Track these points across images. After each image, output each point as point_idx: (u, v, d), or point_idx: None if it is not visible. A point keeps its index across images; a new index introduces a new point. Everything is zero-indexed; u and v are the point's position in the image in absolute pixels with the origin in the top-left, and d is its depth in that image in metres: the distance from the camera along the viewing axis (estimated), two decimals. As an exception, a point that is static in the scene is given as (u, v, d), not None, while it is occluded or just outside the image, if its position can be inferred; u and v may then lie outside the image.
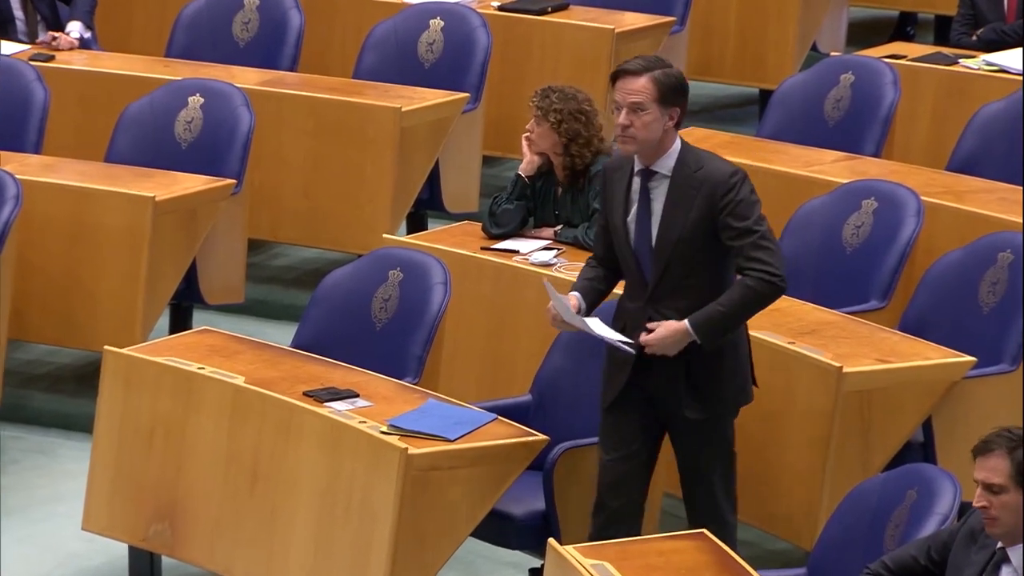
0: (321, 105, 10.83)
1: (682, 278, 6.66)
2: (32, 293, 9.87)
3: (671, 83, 6.69)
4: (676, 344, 6.54)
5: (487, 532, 8.00)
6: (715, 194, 6.59)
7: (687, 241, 6.61)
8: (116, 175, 10.18)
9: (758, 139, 10.69)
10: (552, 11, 11.51)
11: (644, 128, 6.59)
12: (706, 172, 6.67)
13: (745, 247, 6.54)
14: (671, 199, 6.65)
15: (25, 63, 10.86)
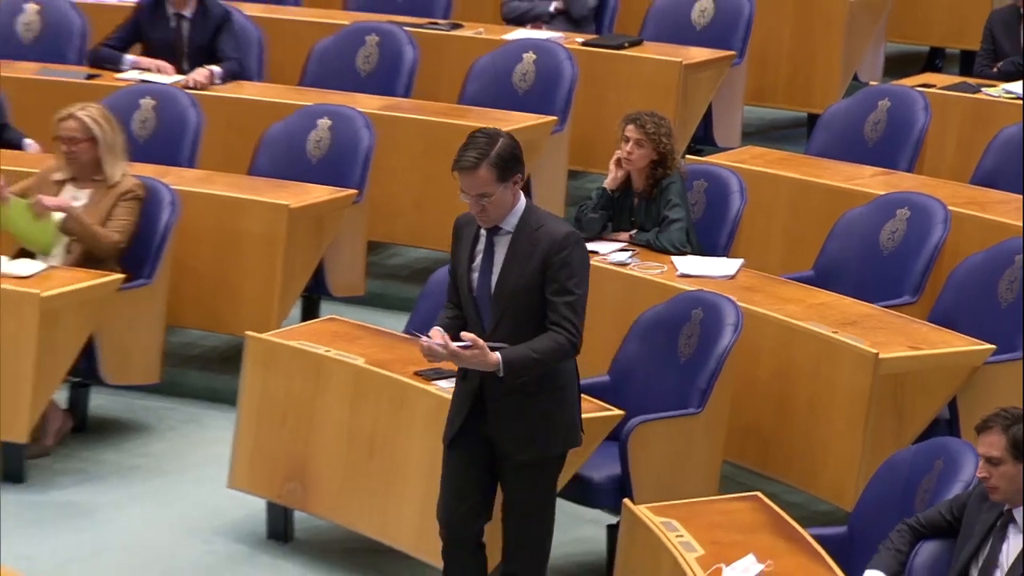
0: (431, 127, 10.84)
1: (515, 327, 6.47)
2: (187, 287, 9.96)
3: (505, 157, 6.46)
4: (482, 367, 6.35)
5: (571, 493, 7.99)
6: (550, 251, 6.42)
7: (523, 291, 6.46)
8: (257, 187, 10.26)
9: (807, 156, 10.65)
10: (628, 46, 11.49)
11: (496, 207, 6.44)
12: (545, 230, 6.49)
13: (561, 304, 6.39)
14: (512, 252, 6.49)
15: (183, 91, 10.91)
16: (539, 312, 6.43)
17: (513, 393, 6.40)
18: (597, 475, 7.94)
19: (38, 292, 8.92)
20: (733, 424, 8.35)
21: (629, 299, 8.89)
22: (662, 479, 7.85)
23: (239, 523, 8.71)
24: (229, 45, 11.26)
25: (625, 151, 9.09)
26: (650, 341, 8.42)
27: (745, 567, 6.48)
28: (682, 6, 11.87)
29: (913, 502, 6.75)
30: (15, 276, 9.02)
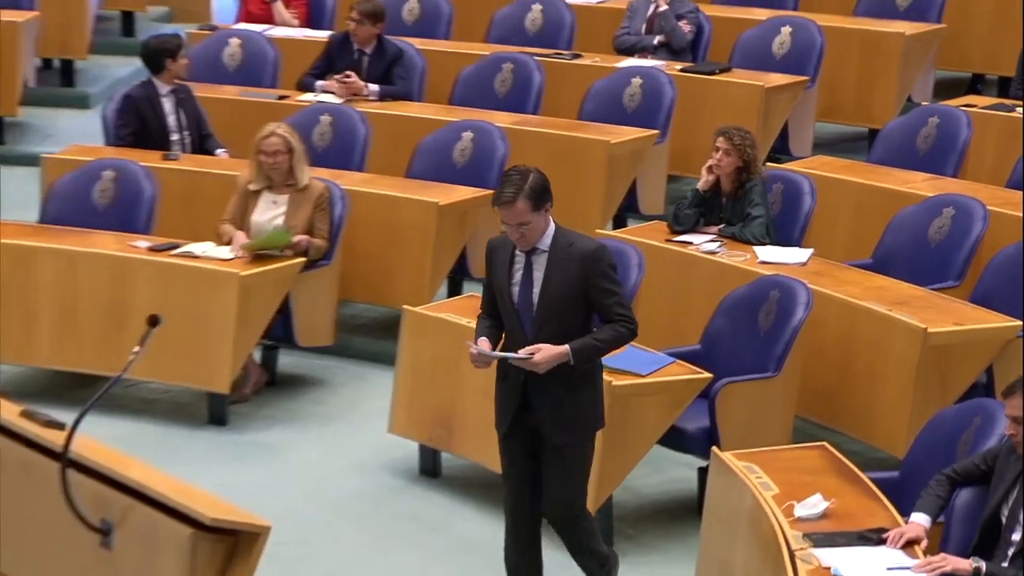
0: (554, 139, 10.94)
1: (556, 331, 6.37)
2: (356, 268, 10.04)
3: (537, 190, 6.38)
4: (555, 361, 6.25)
5: (668, 440, 8.19)
6: (586, 264, 6.35)
7: (563, 300, 6.37)
8: (413, 187, 10.36)
9: (867, 164, 10.63)
10: (719, 72, 11.55)
11: (533, 232, 6.37)
12: (576, 248, 6.41)
13: (611, 304, 6.34)
14: (550, 268, 6.39)
15: (354, 109, 11.04)
16: (575, 319, 6.37)
17: (555, 389, 6.33)
18: (690, 426, 8.07)
19: (238, 272, 9.11)
20: (803, 385, 8.42)
21: (717, 282, 8.92)
22: (744, 430, 7.93)
23: (397, 461, 8.86)
24: (399, 74, 11.40)
25: (716, 159, 9.16)
26: (734, 316, 8.53)
27: (813, 504, 6.52)
28: (764, 39, 11.89)
29: (955, 452, 6.80)
30: (219, 259, 9.26)
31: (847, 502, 6.67)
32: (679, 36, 11.74)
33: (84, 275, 9.34)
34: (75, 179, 10.09)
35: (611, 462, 7.86)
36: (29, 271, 9.33)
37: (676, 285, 9.25)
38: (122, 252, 9.41)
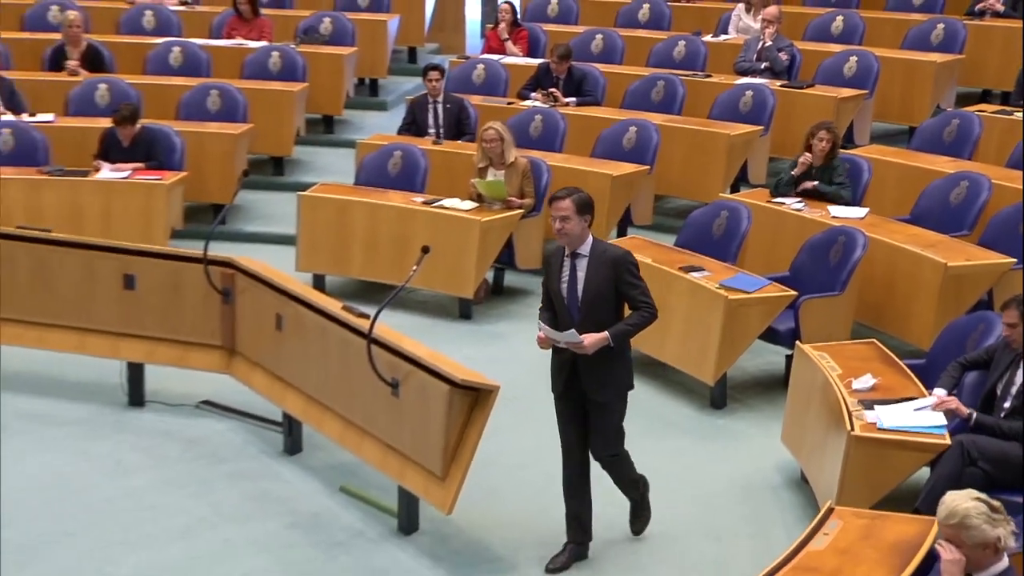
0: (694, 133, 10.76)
1: (596, 319, 5.92)
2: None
3: (584, 201, 5.91)
4: (599, 344, 5.83)
5: (765, 336, 8.06)
6: (616, 265, 5.90)
7: (601, 294, 5.92)
8: (595, 163, 10.25)
9: (908, 150, 10.39)
10: (806, 87, 11.31)
11: (571, 228, 5.89)
12: (608, 254, 5.94)
13: (636, 294, 5.89)
14: (590, 270, 5.94)
15: (556, 111, 10.94)
16: (609, 306, 5.94)
17: (597, 361, 5.92)
18: (781, 327, 7.93)
19: (479, 219, 9.10)
20: (859, 300, 8.24)
21: (801, 230, 8.74)
22: (818, 330, 7.75)
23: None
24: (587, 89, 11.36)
25: (821, 145, 9.02)
26: (813, 253, 8.35)
27: (864, 380, 6.48)
28: (838, 64, 11.57)
29: (965, 347, 6.72)
30: (465, 210, 9.23)
31: (888, 380, 6.63)
32: (779, 63, 11.53)
33: (382, 218, 9.41)
34: (377, 156, 10.15)
35: (726, 350, 7.81)
36: (347, 215, 9.44)
37: (772, 232, 9.03)
38: (406, 204, 9.46)
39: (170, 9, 12.88)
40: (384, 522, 6.53)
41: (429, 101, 10.80)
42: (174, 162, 10.14)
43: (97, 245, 7.86)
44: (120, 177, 9.77)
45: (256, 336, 7.46)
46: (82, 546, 6.25)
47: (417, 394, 6.25)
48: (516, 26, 12.77)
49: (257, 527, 6.48)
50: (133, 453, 7.20)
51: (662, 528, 6.59)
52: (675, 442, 7.59)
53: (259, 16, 12.62)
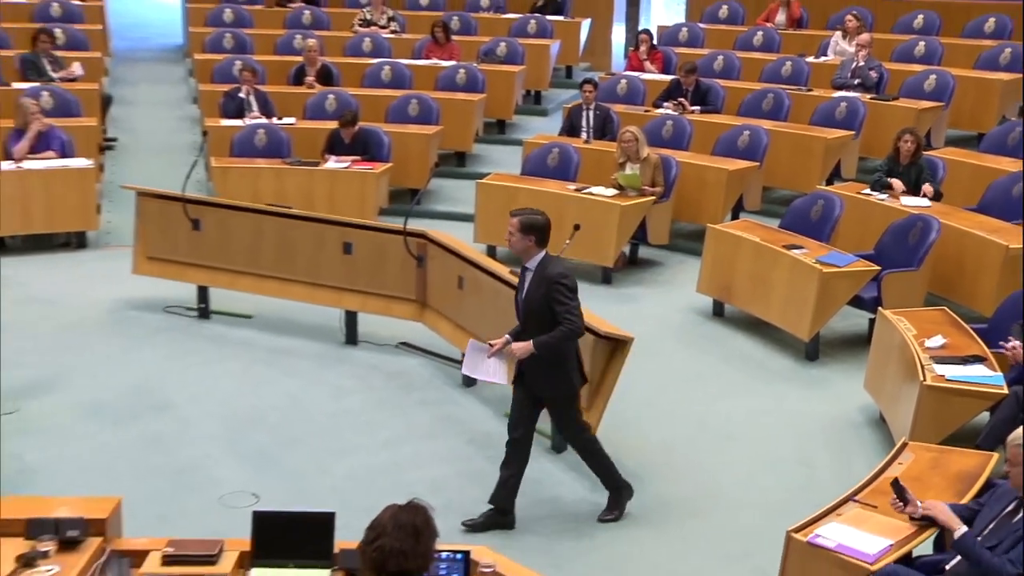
0: (795, 136, 10.45)
1: (535, 326, 5.44)
2: (682, 200, 9.78)
3: (528, 224, 5.42)
4: (525, 351, 5.39)
5: (852, 302, 7.84)
6: (549, 285, 5.38)
7: (537, 305, 5.43)
8: (714, 160, 10.03)
9: (978, 152, 9.98)
10: (892, 100, 10.94)
11: (515, 242, 5.45)
12: (548, 272, 5.44)
13: (561, 311, 5.34)
14: (532, 283, 5.49)
15: (683, 117, 10.71)
16: (544, 317, 5.43)
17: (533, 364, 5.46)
18: (866, 295, 7.71)
19: (620, 204, 8.98)
20: (933, 274, 7.95)
21: (885, 216, 8.45)
22: (897, 299, 7.48)
23: (699, 307, 8.65)
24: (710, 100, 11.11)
25: (907, 147, 8.76)
26: (895, 236, 8.10)
27: (936, 340, 6.30)
28: (919, 81, 11.16)
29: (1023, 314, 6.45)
30: (608, 196, 9.14)
31: (956, 340, 6.44)
32: (869, 79, 11.18)
33: (541, 202, 8.94)
34: (539, 152, 10.09)
35: (819, 313, 7.65)
36: (515, 199, 9.28)
37: (862, 217, 8.72)
38: (561, 191, 9.37)
39: (383, 36, 13.02)
40: (540, 442, 6.52)
41: (582, 108, 10.73)
42: (383, 155, 10.25)
43: (324, 219, 7.98)
44: (342, 167, 9.92)
45: (442, 293, 7.53)
46: (310, 451, 6.40)
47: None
48: (653, 49, 12.62)
49: (441, 443, 6.56)
50: (349, 381, 7.33)
51: (766, 456, 6.52)
52: (776, 387, 7.47)
53: (450, 41, 12.67)
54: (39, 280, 8.89)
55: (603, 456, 5.76)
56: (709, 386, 7.48)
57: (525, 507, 5.79)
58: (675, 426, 6.87)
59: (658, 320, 8.46)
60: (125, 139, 11.91)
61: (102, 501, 4.23)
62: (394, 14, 13.55)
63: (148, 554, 4.06)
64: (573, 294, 5.41)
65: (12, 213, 9.26)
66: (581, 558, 5.44)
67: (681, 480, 6.23)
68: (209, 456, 6.25)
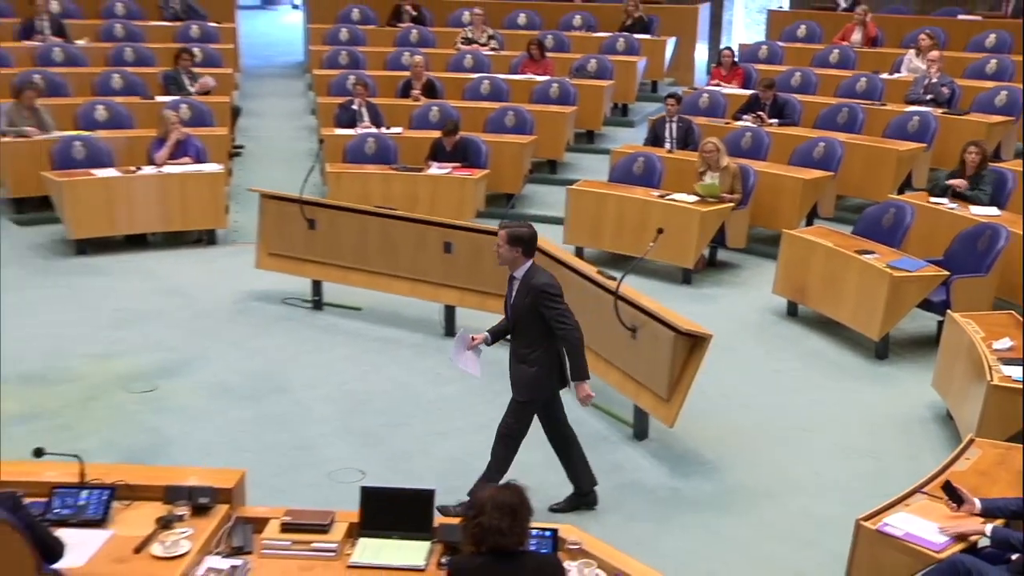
0: (869, 148, 10.19)
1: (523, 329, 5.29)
2: (760, 206, 9.58)
3: (514, 236, 5.22)
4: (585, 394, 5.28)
5: (921, 305, 7.66)
6: (536, 294, 5.20)
7: (524, 311, 5.26)
8: (790, 170, 9.85)
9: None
10: (964, 114, 10.66)
11: (502, 254, 5.26)
12: (535, 281, 5.26)
13: (553, 316, 5.18)
14: (518, 293, 5.31)
15: (762, 129, 10.51)
16: (533, 326, 5.26)
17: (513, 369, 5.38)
18: (935, 299, 7.53)
19: (700, 209, 8.87)
20: (1000, 280, 7.69)
21: (953, 224, 8.23)
22: (965, 303, 7.26)
23: (775, 307, 8.50)
24: (787, 112, 10.91)
25: (971, 158, 8.59)
26: (964, 243, 7.87)
27: (1003, 342, 6.11)
28: (990, 97, 10.85)
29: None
30: (690, 202, 9.02)
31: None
32: (941, 95, 10.90)
33: (627, 207, 9.26)
34: (625, 161, 9.99)
35: (889, 314, 7.48)
36: (602, 204, 9.34)
37: (931, 224, 8.47)
38: (645, 197, 9.26)
39: (483, 53, 13.05)
40: (622, 430, 6.51)
41: (666, 120, 10.62)
42: (481, 163, 10.26)
43: (426, 220, 8.02)
44: (444, 173, 9.96)
45: (536, 290, 7.54)
46: (413, 432, 6.43)
47: (650, 337, 6.18)
48: (734, 66, 12.48)
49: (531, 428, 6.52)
50: (447, 370, 7.26)
51: (838, 448, 6.39)
52: (847, 383, 7.31)
53: (545, 58, 12.65)
54: (176, 273, 9.09)
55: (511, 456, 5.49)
56: (783, 381, 7.35)
57: (608, 490, 5.76)
58: (751, 418, 6.76)
59: (735, 318, 8.33)
60: (251, 146, 12.14)
61: (229, 472, 4.32)
62: (494, 33, 13.58)
63: (268, 521, 4.14)
64: (559, 299, 5.25)
65: (153, 212, 9.48)
66: (660, 538, 5.39)
67: (756, 468, 6.13)
68: (322, 435, 6.33)
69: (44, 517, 3.91)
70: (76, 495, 4.08)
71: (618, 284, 6.30)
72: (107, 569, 3.76)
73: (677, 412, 6.03)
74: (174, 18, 13.65)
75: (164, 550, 3.87)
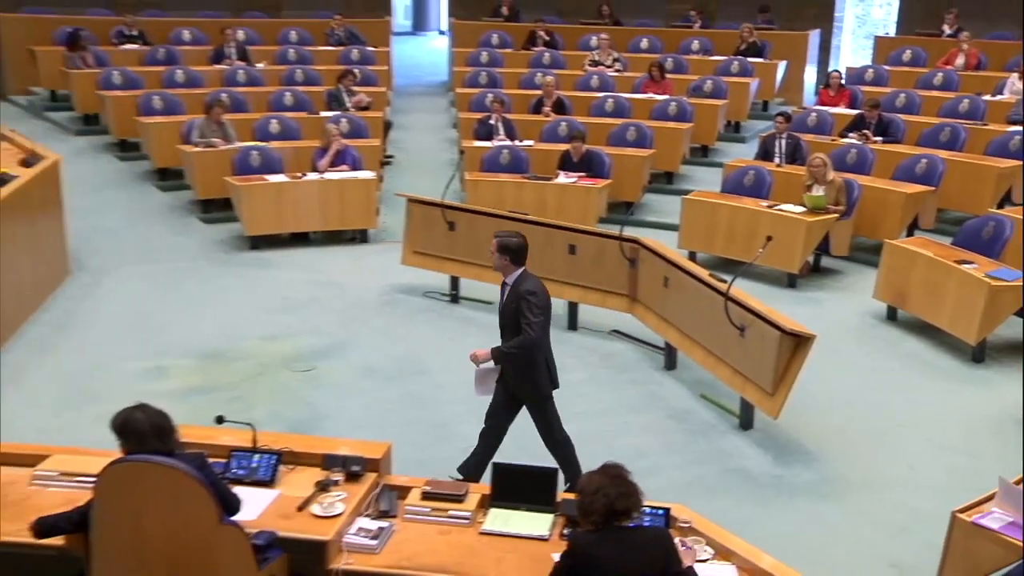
0: (970, 165, 9.73)
1: (508, 334, 5.09)
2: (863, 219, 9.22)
3: (503, 245, 5.06)
4: (485, 357, 5.08)
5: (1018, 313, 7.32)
6: (519, 297, 5.02)
7: (510, 315, 5.08)
8: (894, 184, 9.47)
9: None
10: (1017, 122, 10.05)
11: (496, 260, 5.11)
12: (520, 287, 5.04)
13: (523, 321, 4.98)
14: (507, 298, 5.12)
15: (866, 146, 10.13)
16: (516, 327, 5.05)
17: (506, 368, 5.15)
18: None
19: (806, 220, 8.64)
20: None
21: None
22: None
23: (876, 312, 8.22)
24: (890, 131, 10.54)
25: None
26: None
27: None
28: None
29: None
30: (795, 212, 8.76)
31: None
32: None
33: (738, 216, 9.04)
34: (737, 174, 9.78)
35: (987, 321, 7.18)
36: (715, 213, 9.16)
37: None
38: (755, 207, 9.03)
39: (608, 74, 12.99)
40: (729, 420, 6.40)
41: (776, 137, 10.36)
42: (604, 173, 10.19)
43: (554, 224, 8.01)
44: (570, 182, 9.94)
45: (650, 290, 7.44)
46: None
47: (757, 336, 6.07)
48: (842, 87, 12.11)
49: (646, 415, 6.49)
50: (570, 360, 7.28)
51: (934, 445, 6.15)
52: (944, 384, 7.03)
53: (665, 79, 12.52)
54: (332, 267, 9.29)
55: (572, 456, 5.33)
56: (882, 380, 7.11)
57: (715, 474, 5.68)
58: (850, 413, 6.56)
59: (837, 321, 8.09)
60: (400, 156, 12.34)
61: (377, 445, 4.41)
62: (619, 56, 13.49)
63: (411, 490, 4.21)
64: (539, 309, 5.06)
65: (315, 213, 9.71)
66: (762, 522, 5.27)
67: (855, 460, 5.95)
68: (456, 414, 6.38)
69: (223, 476, 4.06)
70: (250, 458, 4.22)
71: (728, 286, 6.20)
72: (275, 524, 3.88)
73: (781, 405, 5.91)
74: (338, 43, 14.00)
75: (322, 510, 3.98)
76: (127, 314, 7.83)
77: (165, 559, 3.50)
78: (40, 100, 13.03)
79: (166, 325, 7.64)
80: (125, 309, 7.92)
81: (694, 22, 14.91)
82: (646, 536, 3.38)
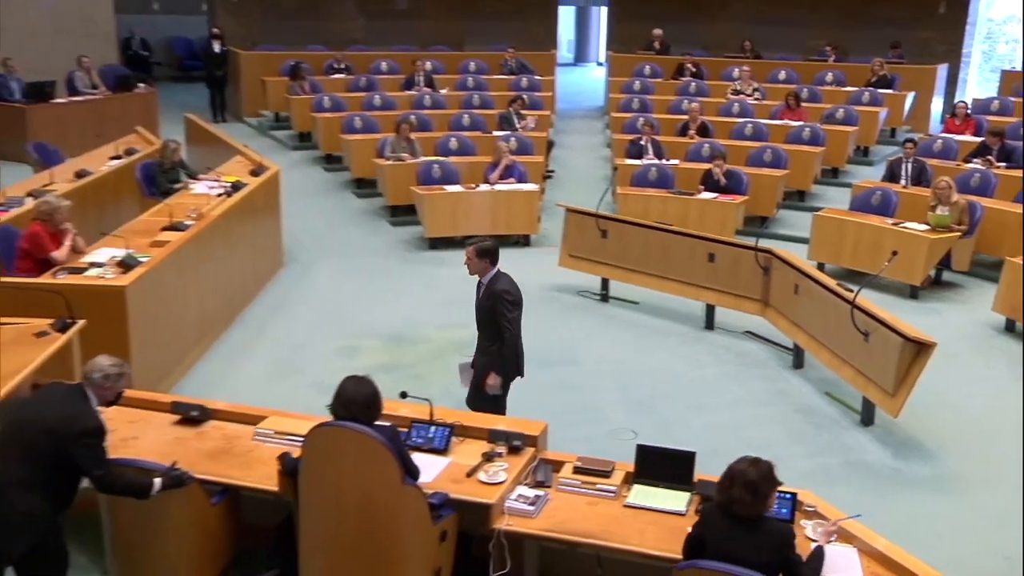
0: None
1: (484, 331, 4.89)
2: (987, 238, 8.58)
3: (481, 250, 4.84)
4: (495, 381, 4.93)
5: None
6: (494, 299, 4.77)
7: (485, 314, 4.85)
8: (1020, 205, 8.79)
9: None
10: None
11: (472, 265, 4.85)
12: (497, 287, 4.82)
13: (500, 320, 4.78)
14: (483, 297, 4.84)
15: (990, 171, 9.41)
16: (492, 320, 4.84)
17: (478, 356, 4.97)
18: None
19: (929, 237, 8.10)
20: None
21: None
22: None
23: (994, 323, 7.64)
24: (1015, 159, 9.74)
25: None
26: None
27: None
28: None
29: None
30: (919, 230, 8.22)
31: None
32: None
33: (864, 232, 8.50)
34: (864, 193, 9.24)
35: None
36: (843, 229, 8.52)
37: None
38: (881, 224, 8.44)
39: (749, 102, 12.61)
40: (851, 417, 6.11)
41: (903, 161, 9.75)
42: (742, 190, 9.86)
43: (695, 235, 7.85)
44: (712, 197, 9.67)
45: (781, 296, 7.18)
46: (675, 407, 6.29)
47: (881, 341, 5.76)
48: (967, 117, 11.32)
49: (774, 409, 6.27)
50: (706, 356, 7.17)
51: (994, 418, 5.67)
52: None
53: (800, 107, 12.05)
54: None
55: None
56: (998, 386, 6.62)
57: (838, 465, 5.43)
58: (967, 416, 6.14)
59: (956, 331, 7.57)
60: (560, 172, 12.32)
61: (535, 423, 4.42)
62: (758, 86, 13.06)
63: (563, 464, 4.21)
64: (513, 307, 4.87)
65: (485, 219, 9.72)
66: (881, 511, 4.99)
67: (970, 460, 5.58)
68: (604, 400, 6.34)
69: (405, 443, 4.17)
70: (427, 429, 4.31)
71: (855, 295, 5.91)
72: (448, 487, 3.96)
73: (902, 404, 5.60)
74: (510, 72, 14.19)
75: (488, 477, 4.03)
76: (328, 301, 8.13)
77: (357, 510, 3.63)
78: (267, 121, 13.78)
79: (359, 311, 7.90)
80: (326, 297, 8.23)
81: (829, 56, 14.29)
82: (768, 528, 3.29)
